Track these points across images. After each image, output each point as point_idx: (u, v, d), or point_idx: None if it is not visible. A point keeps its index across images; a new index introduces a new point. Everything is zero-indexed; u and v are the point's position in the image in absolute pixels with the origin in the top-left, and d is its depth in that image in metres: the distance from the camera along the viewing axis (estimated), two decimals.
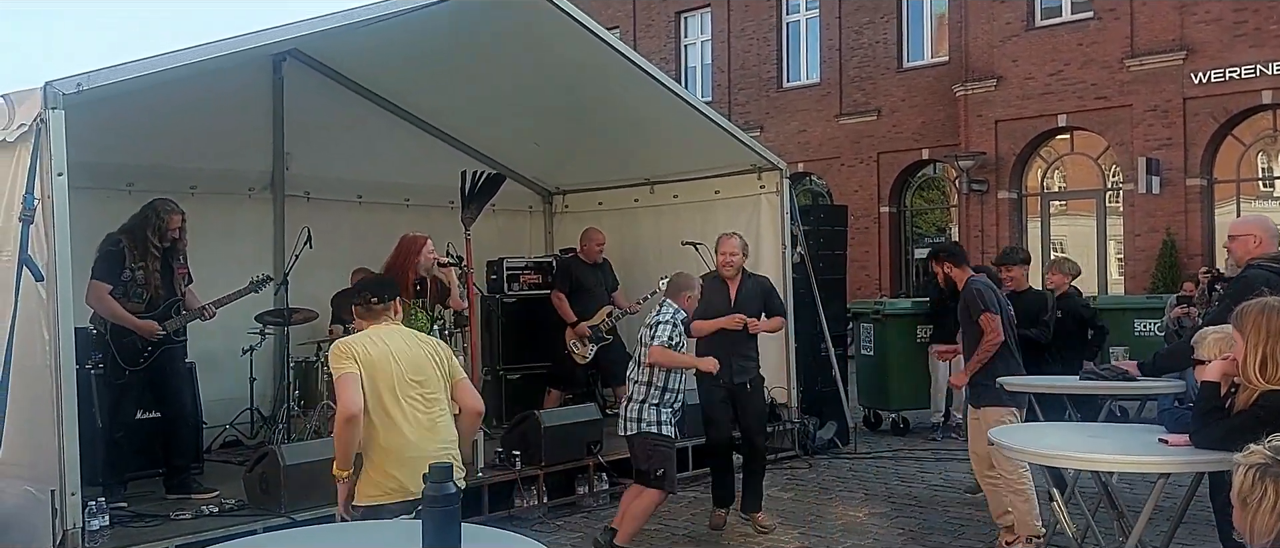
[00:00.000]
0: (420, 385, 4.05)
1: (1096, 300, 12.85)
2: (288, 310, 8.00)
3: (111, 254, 6.08)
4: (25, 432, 5.12)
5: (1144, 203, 17.49)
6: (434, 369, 4.11)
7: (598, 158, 10.12)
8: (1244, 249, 5.40)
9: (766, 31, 23.85)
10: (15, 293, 5.01)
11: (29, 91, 5.11)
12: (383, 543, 3.51)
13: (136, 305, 6.10)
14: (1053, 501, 4.92)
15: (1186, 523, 5.37)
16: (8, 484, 5.18)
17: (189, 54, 5.65)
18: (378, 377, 3.98)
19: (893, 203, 22.05)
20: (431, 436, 4.03)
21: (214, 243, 7.77)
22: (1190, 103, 17.16)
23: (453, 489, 2.66)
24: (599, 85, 8.67)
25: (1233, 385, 3.92)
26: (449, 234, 8.28)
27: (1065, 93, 18.42)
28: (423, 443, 3.96)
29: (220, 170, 8.46)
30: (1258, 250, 5.27)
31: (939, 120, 20.83)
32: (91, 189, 6.70)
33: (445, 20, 7.33)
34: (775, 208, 9.29)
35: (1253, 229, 5.43)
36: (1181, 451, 4.07)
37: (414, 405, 4.02)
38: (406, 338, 4.20)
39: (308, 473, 5.95)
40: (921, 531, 6.67)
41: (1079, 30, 18.32)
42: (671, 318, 5.90)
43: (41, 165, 5.02)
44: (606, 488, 7.50)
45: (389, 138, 9.45)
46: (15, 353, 5.05)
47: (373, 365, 3.98)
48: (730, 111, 22.23)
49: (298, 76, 8.68)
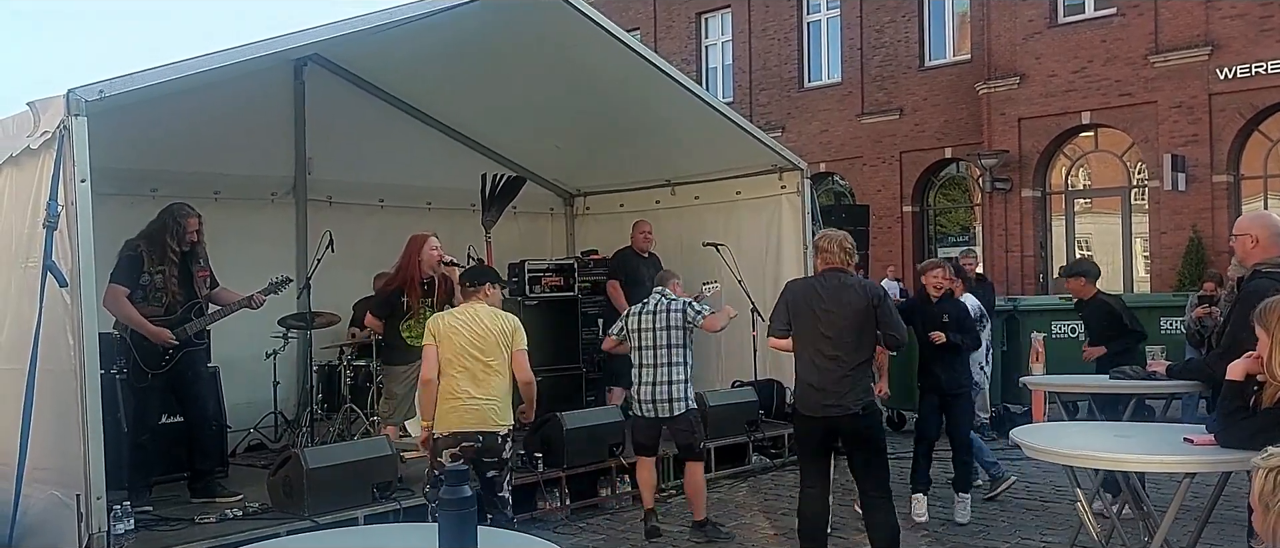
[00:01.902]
0: (480, 353, 5.28)
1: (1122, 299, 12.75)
2: (310, 314, 8.03)
3: (130, 259, 6.13)
4: (51, 437, 5.17)
5: (1170, 200, 17.32)
6: (496, 342, 5.32)
7: (619, 160, 10.13)
8: (1243, 250, 5.05)
9: (787, 31, 23.78)
10: (40, 299, 5.06)
11: (53, 99, 5.16)
12: (403, 545, 3.52)
13: (155, 309, 6.14)
14: (1077, 500, 4.88)
15: (1213, 523, 5.30)
16: (35, 489, 5.22)
17: (210, 60, 5.69)
18: (444, 345, 5.29)
19: (915, 202, 21.92)
20: (480, 389, 5.28)
21: (237, 247, 7.82)
22: (1216, 99, 16.98)
23: (468, 493, 2.66)
24: (619, 87, 8.67)
25: (1257, 383, 3.87)
26: (470, 237, 8.32)
27: (1089, 90, 18.27)
28: (474, 394, 5.28)
29: (243, 175, 8.52)
30: (1256, 252, 4.90)
31: (962, 119, 20.71)
32: (115, 195, 6.77)
33: (465, 23, 7.35)
34: (797, 208, 9.27)
35: (1251, 229, 5.05)
36: (1206, 450, 4.02)
37: (473, 366, 5.27)
38: (481, 315, 5.37)
39: (331, 476, 5.99)
40: (945, 530, 6.63)
41: (1102, 27, 18.17)
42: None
43: (65, 172, 5.06)
44: (629, 490, 7.49)
45: (410, 141, 9.49)
46: (40, 358, 5.10)
47: (443, 336, 5.31)
48: (751, 112, 22.19)
49: (319, 81, 8.73)
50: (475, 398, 5.27)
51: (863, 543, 6.38)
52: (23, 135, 5.35)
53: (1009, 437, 5.79)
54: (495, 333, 5.34)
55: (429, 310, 7.07)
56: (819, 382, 5.18)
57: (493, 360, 5.30)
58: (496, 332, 5.35)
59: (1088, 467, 4.91)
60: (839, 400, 5.14)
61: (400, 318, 7.07)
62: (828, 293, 5.18)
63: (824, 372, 5.16)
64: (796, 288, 5.41)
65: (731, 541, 6.46)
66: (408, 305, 7.04)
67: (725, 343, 9.64)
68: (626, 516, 7.18)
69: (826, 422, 5.21)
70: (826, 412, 5.17)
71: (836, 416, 5.16)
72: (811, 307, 5.20)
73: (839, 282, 5.21)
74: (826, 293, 5.19)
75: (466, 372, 5.26)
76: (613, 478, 7.45)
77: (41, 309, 5.07)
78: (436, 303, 7.15)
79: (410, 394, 7.23)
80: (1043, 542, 6.34)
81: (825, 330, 5.15)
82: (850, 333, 5.14)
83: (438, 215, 9.36)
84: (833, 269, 5.26)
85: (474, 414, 5.28)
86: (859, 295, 5.18)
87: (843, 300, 5.15)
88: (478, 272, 5.76)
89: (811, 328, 5.19)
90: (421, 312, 7.04)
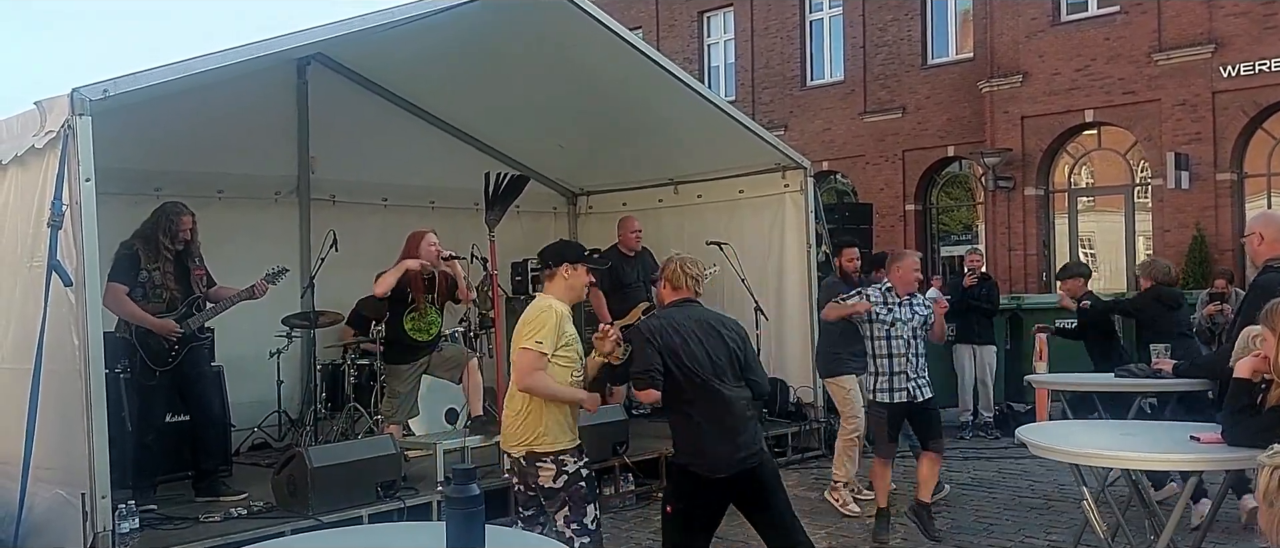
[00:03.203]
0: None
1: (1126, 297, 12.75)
2: (314, 313, 8.04)
3: (126, 257, 6.14)
4: (56, 436, 5.17)
5: (1173, 198, 17.30)
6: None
7: (621, 159, 10.12)
8: (1252, 248, 5.38)
9: (790, 30, 23.77)
10: (45, 298, 5.06)
11: (58, 98, 5.16)
12: (408, 545, 3.51)
13: (156, 307, 6.16)
14: (1083, 500, 4.87)
15: (1219, 522, 5.31)
16: (40, 488, 5.23)
17: (214, 59, 5.69)
18: None
19: (918, 201, 21.90)
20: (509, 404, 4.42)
21: (241, 247, 7.83)
22: (1219, 96, 16.95)
23: (476, 491, 2.66)
24: (622, 86, 8.67)
25: (1264, 382, 3.87)
26: (474, 236, 8.32)
27: (1092, 88, 18.25)
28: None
29: (246, 175, 8.53)
30: (1264, 248, 5.22)
31: (964, 117, 20.68)
32: (120, 195, 6.77)
33: (468, 23, 7.35)
34: (800, 207, 9.27)
35: (1258, 227, 5.38)
36: (1212, 448, 4.02)
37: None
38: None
39: (335, 475, 5.99)
40: (949, 530, 6.62)
41: (1105, 25, 18.15)
42: (873, 290, 6.45)
43: (69, 171, 5.07)
44: (633, 489, 7.49)
45: (413, 140, 9.50)
46: (45, 358, 5.10)
47: None
48: (754, 111, 22.17)
49: (322, 80, 8.73)
50: (504, 415, 4.46)
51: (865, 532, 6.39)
52: (28, 135, 5.36)
53: (1014, 435, 5.80)
54: (521, 333, 4.30)
55: (431, 306, 7.08)
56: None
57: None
58: (522, 330, 4.29)
59: (1093, 465, 4.91)
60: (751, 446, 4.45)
61: (403, 312, 7.06)
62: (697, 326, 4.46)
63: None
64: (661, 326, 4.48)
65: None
66: (412, 299, 7.03)
67: None
68: (630, 514, 7.18)
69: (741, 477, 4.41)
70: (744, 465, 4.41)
71: (753, 465, 4.44)
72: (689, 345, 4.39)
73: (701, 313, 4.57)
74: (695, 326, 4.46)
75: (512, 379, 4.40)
76: (616, 476, 7.45)
77: (46, 309, 5.07)
78: (438, 298, 7.15)
79: (413, 393, 7.24)
80: (1048, 541, 6.34)
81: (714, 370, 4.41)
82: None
83: (441, 214, 9.36)
84: (687, 299, 4.58)
85: (501, 429, 4.51)
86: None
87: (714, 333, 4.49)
88: (552, 249, 4.63)
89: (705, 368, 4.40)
90: (424, 307, 7.04)
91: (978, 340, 9.97)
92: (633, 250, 8.98)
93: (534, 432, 4.25)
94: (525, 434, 4.27)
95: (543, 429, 4.25)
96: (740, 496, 4.46)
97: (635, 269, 8.88)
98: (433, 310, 7.11)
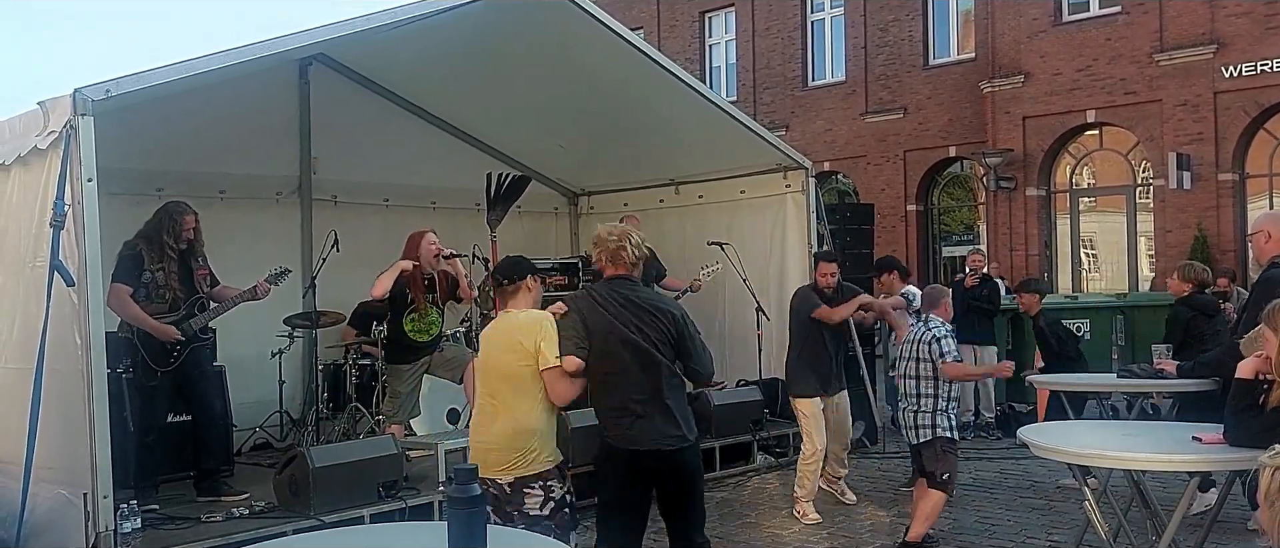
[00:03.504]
0: (493, 377, 4.23)
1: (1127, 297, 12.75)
2: (315, 314, 8.04)
3: (130, 258, 6.14)
4: (58, 436, 5.17)
5: (1175, 199, 17.30)
6: (512, 362, 4.17)
7: (623, 159, 10.13)
8: (1258, 247, 5.52)
9: (791, 30, 23.78)
10: (47, 298, 5.06)
11: (60, 98, 5.17)
12: (409, 545, 3.51)
13: (159, 307, 6.16)
14: (1085, 500, 4.87)
15: (1222, 523, 5.31)
16: (42, 488, 5.23)
17: (216, 59, 5.69)
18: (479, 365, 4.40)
19: (920, 201, 21.91)
20: (486, 427, 4.22)
21: (242, 247, 7.83)
22: (1221, 97, 16.95)
23: (478, 491, 2.66)
24: (623, 86, 8.67)
25: (1265, 382, 3.87)
26: (475, 236, 8.32)
27: (1094, 88, 18.26)
28: (479, 433, 4.27)
29: (248, 175, 8.53)
30: (1270, 246, 5.35)
31: (966, 117, 20.69)
32: (122, 195, 6.78)
33: (469, 23, 7.35)
34: (801, 207, 9.26)
35: (1264, 226, 5.50)
36: (1215, 449, 4.02)
37: (488, 391, 4.23)
38: (508, 326, 4.27)
39: (337, 475, 5.99)
40: (951, 530, 6.61)
41: (1107, 25, 18.15)
42: (946, 332, 6.04)
43: (72, 171, 5.07)
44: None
45: (415, 141, 9.50)
46: (47, 357, 5.10)
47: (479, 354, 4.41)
48: (755, 111, 22.18)
49: (324, 81, 8.74)
50: (479, 439, 4.24)
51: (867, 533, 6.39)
52: (31, 135, 5.37)
53: (1015, 435, 5.79)
54: (512, 349, 4.13)
55: (432, 306, 7.08)
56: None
57: (501, 387, 4.17)
58: (513, 347, 4.13)
59: (1095, 466, 4.91)
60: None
61: (403, 312, 7.06)
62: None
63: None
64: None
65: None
66: (411, 300, 7.03)
67: (729, 342, 9.65)
68: None
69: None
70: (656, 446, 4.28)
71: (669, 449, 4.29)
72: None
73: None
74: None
75: (482, 400, 4.25)
76: None
77: (49, 308, 5.07)
78: (439, 298, 7.15)
79: (414, 393, 7.24)
80: (1049, 541, 6.33)
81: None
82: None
83: (442, 215, 9.37)
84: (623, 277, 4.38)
85: (479, 456, 4.18)
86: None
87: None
88: (512, 264, 4.46)
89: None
90: (425, 307, 7.04)
91: (979, 341, 9.96)
92: None
93: (524, 455, 4.10)
94: (514, 458, 4.10)
95: (535, 453, 4.12)
96: (659, 481, 4.33)
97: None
98: (433, 310, 7.11)
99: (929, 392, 5.97)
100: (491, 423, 4.15)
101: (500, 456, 4.11)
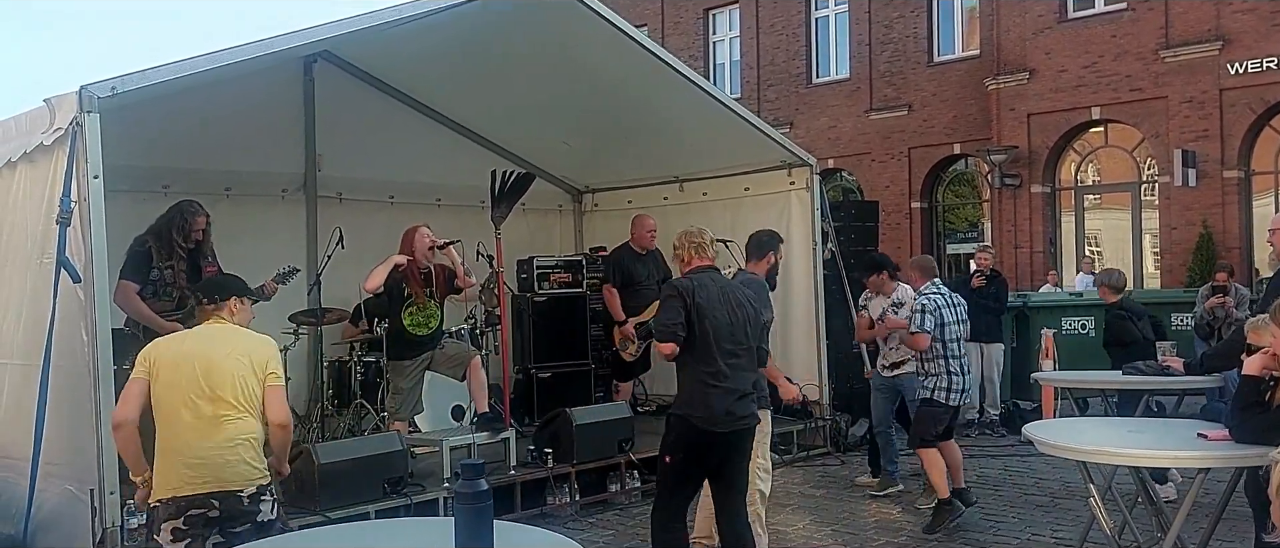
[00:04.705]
0: (214, 388, 3.96)
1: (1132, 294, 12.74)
2: (320, 310, 8.05)
3: (139, 254, 6.15)
4: (65, 432, 5.19)
5: (1180, 196, 17.27)
6: (235, 375, 3.99)
7: (627, 156, 10.13)
8: (1278, 245, 5.72)
9: (795, 27, 23.75)
10: (54, 294, 5.08)
11: (66, 95, 5.18)
12: (415, 540, 3.52)
13: (166, 304, 6.17)
14: (1090, 497, 4.86)
15: (1226, 520, 5.30)
16: (49, 484, 5.25)
17: (221, 57, 5.71)
18: (160, 380, 3.98)
19: (924, 198, 21.89)
20: (212, 437, 3.94)
21: (248, 244, 7.82)
22: (1227, 94, 16.92)
23: (484, 486, 2.67)
24: (628, 83, 8.67)
25: (1272, 379, 3.87)
26: (480, 233, 8.33)
27: (1099, 85, 18.22)
28: (205, 444, 3.92)
29: (254, 172, 8.54)
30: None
31: (971, 114, 20.67)
32: (127, 192, 6.78)
33: (474, 20, 7.36)
34: (805, 204, 9.26)
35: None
36: (1220, 445, 4.02)
37: (203, 408, 3.94)
38: (219, 338, 4.12)
39: (342, 472, 6.01)
40: (956, 527, 6.61)
41: (1113, 22, 18.11)
42: (921, 305, 6.72)
43: (77, 168, 5.09)
44: (638, 486, 7.50)
45: (419, 138, 9.51)
46: (54, 354, 5.12)
47: (158, 367, 4.00)
48: (759, 108, 22.16)
49: (329, 78, 8.74)
50: (207, 449, 3.92)
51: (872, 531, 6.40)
52: (37, 132, 5.39)
53: (1021, 432, 5.80)
54: (236, 362, 4.01)
55: (431, 300, 7.09)
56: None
57: (229, 397, 3.96)
58: (238, 361, 4.02)
59: (1101, 463, 4.91)
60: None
61: (402, 307, 7.08)
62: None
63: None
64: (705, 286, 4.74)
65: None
66: (409, 294, 7.05)
67: None
68: (635, 511, 7.18)
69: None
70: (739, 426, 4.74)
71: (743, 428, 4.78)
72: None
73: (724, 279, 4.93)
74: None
75: (193, 415, 3.92)
76: (622, 473, 7.46)
77: (55, 305, 5.09)
78: (436, 292, 7.16)
79: (417, 389, 7.25)
80: (1054, 538, 6.33)
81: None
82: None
83: (447, 212, 9.37)
84: (710, 267, 4.87)
85: (204, 471, 3.91)
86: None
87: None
88: (218, 282, 4.51)
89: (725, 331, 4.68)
90: (423, 300, 7.06)
91: (985, 338, 9.95)
92: (645, 249, 8.92)
93: (258, 465, 4.04)
94: (260, 463, 4.04)
95: (263, 462, 4.06)
96: (724, 453, 4.71)
97: (647, 268, 8.86)
98: (432, 304, 7.12)
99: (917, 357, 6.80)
100: (226, 426, 3.98)
101: (249, 458, 4.01)
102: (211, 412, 3.94)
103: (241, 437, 3.97)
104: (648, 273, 8.83)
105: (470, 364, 7.18)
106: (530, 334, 9.28)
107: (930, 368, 6.73)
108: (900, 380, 7.37)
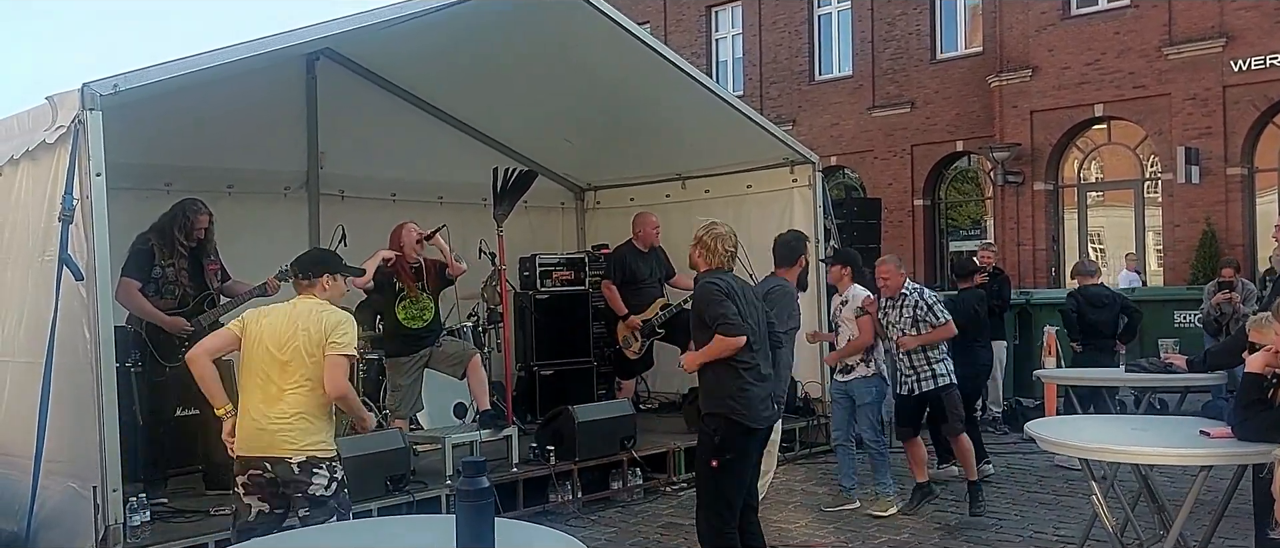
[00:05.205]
0: (279, 360, 4.24)
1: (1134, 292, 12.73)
2: None
3: (141, 252, 6.16)
4: (68, 429, 5.20)
5: (1183, 193, 17.25)
6: (302, 347, 4.23)
7: (629, 154, 10.12)
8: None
9: (798, 24, 23.74)
10: (56, 292, 5.08)
11: (69, 93, 5.18)
12: (417, 538, 3.53)
13: (168, 302, 6.18)
14: (1092, 494, 4.86)
15: (1229, 517, 5.29)
16: (51, 481, 5.25)
17: (223, 54, 5.70)
18: (248, 341, 4.31)
19: (927, 196, 21.88)
20: (271, 407, 4.23)
21: (250, 242, 7.82)
22: (1230, 91, 16.89)
23: (486, 484, 2.67)
24: (630, 81, 8.66)
25: (1274, 377, 3.86)
26: (482, 231, 8.33)
27: (1102, 82, 18.20)
28: (265, 411, 4.23)
29: (256, 170, 8.54)
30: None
31: (973, 112, 20.65)
32: (130, 189, 6.78)
33: (476, 17, 7.35)
34: (808, 202, 9.25)
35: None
36: (1223, 443, 4.02)
37: (270, 374, 4.24)
38: (300, 312, 4.34)
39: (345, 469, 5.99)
40: (958, 525, 6.62)
41: (1116, 19, 18.09)
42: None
43: (80, 166, 5.09)
44: (640, 483, 7.50)
45: (422, 136, 9.50)
46: (57, 351, 5.12)
47: (250, 330, 4.32)
48: (762, 105, 22.15)
49: (331, 76, 8.74)
50: (268, 419, 4.23)
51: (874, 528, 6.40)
52: (39, 129, 5.38)
53: (1023, 430, 5.79)
54: (307, 336, 4.24)
55: (423, 293, 7.11)
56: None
57: (294, 371, 4.24)
58: (310, 335, 4.24)
59: (1103, 460, 4.91)
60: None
61: (396, 301, 7.09)
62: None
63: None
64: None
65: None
66: (401, 289, 7.06)
67: None
68: (638, 508, 7.19)
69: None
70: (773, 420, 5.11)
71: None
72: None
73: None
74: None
75: (263, 384, 4.25)
76: (624, 471, 7.46)
77: (58, 302, 5.09)
78: (429, 285, 7.17)
79: (416, 385, 7.27)
80: (1057, 535, 6.33)
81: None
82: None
83: (449, 209, 9.35)
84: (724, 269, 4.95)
85: (263, 437, 4.24)
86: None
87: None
88: (313, 257, 4.71)
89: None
90: (416, 294, 7.07)
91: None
92: (649, 246, 8.92)
93: (312, 437, 4.26)
94: (311, 437, 4.25)
95: (323, 436, 4.30)
96: (758, 450, 4.97)
97: (649, 265, 8.85)
98: (425, 296, 7.15)
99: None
100: (284, 397, 4.26)
101: (297, 431, 4.24)
102: (279, 383, 4.22)
103: (299, 410, 4.22)
104: (650, 271, 8.83)
105: (470, 363, 7.19)
106: (532, 332, 9.28)
107: (934, 354, 6.87)
108: (852, 386, 7.03)
